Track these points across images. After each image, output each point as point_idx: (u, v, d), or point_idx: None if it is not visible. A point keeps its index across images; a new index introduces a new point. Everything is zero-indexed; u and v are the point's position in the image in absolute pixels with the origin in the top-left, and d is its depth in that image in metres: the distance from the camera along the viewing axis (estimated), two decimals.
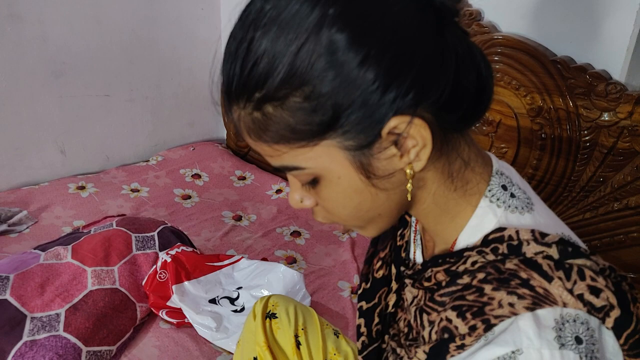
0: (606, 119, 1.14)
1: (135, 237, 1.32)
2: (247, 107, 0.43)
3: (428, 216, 0.52)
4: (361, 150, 0.43)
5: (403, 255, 0.62)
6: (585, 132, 1.18)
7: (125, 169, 1.99)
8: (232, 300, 1.26)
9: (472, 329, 0.44)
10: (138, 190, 1.86)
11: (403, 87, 0.40)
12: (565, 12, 1.21)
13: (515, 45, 1.25)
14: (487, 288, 0.44)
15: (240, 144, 2.24)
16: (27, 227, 1.56)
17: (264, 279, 1.28)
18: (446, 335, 0.47)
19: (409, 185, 0.46)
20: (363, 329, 0.65)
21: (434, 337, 0.49)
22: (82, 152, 1.95)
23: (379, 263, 0.64)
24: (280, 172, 0.48)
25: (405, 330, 0.59)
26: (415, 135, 0.42)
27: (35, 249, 1.28)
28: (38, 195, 1.72)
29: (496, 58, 1.29)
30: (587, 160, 1.19)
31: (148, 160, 2.09)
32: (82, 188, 1.81)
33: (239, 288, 1.29)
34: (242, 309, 1.23)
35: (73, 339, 1.03)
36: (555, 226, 0.49)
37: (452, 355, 0.46)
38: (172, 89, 2.16)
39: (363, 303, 0.65)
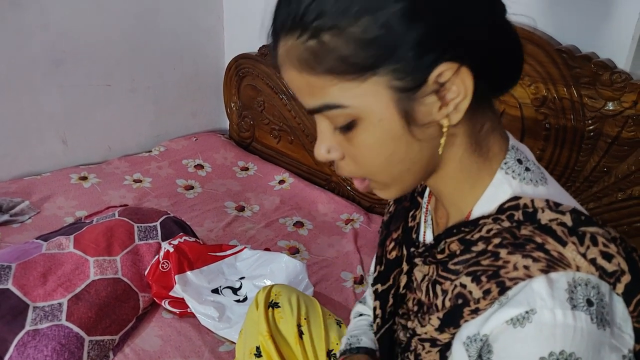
0: (611, 108, 1.12)
1: (138, 227, 1.32)
2: (302, 36, 0.43)
3: (449, 182, 0.52)
4: (407, 92, 0.44)
5: (414, 237, 0.62)
6: (590, 121, 1.17)
7: (127, 160, 1.99)
8: (235, 290, 1.26)
9: (487, 292, 0.45)
10: (140, 181, 1.86)
11: (455, 38, 0.43)
12: (570, 1, 1.20)
13: (520, 35, 1.23)
14: (503, 252, 0.46)
15: (243, 134, 2.24)
16: (29, 218, 1.57)
17: (266, 269, 1.28)
18: (460, 301, 0.48)
19: (442, 139, 0.47)
20: (378, 311, 0.65)
21: (447, 304, 0.50)
22: (84, 142, 1.95)
23: (392, 244, 0.65)
24: (317, 112, 0.47)
25: (415, 308, 0.60)
26: (458, 85, 0.44)
27: (37, 238, 1.29)
28: (40, 186, 1.72)
29: None
30: (591, 150, 1.18)
31: (150, 151, 2.09)
32: (85, 178, 1.81)
33: (241, 278, 1.29)
34: (245, 299, 1.23)
35: (76, 329, 1.03)
36: (568, 200, 0.51)
37: (466, 320, 0.47)
38: (175, 79, 2.15)
39: (378, 286, 0.65)
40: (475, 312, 0.46)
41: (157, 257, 1.26)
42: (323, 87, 0.45)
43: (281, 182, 1.95)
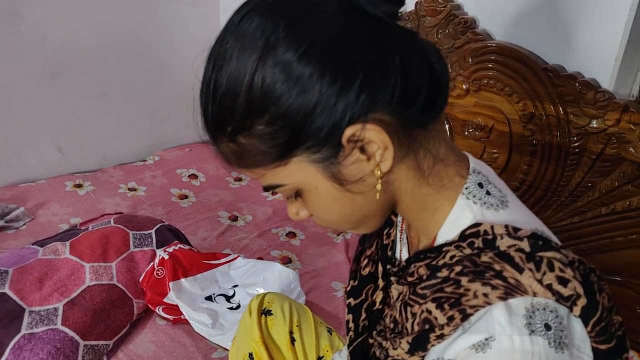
0: (595, 126, 1.17)
1: (133, 234, 1.34)
2: (224, 141, 0.48)
3: (411, 213, 0.55)
4: (328, 160, 0.47)
5: (389, 254, 0.64)
6: (575, 138, 1.21)
7: (122, 168, 2.01)
8: (228, 298, 1.28)
9: (450, 319, 0.47)
10: (135, 190, 1.88)
11: (352, 94, 0.43)
12: (556, 22, 1.25)
13: (508, 53, 1.29)
14: (464, 280, 0.47)
15: None
16: (24, 224, 1.58)
17: (260, 277, 1.30)
18: (427, 326, 0.49)
19: (378, 185, 0.49)
20: (351, 325, 0.67)
21: (416, 328, 0.51)
22: (80, 151, 1.96)
23: (366, 261, 0.67)
24: (269, 190, 0.52)
25: (391, 325, 0.62)
26: (374, 139, 0.46)
27: (33, 244, 1.30)
28: (35, 193, 1.74)
29: (490, 65, 1.33)
30: (576, 166, 1.23)
31: (145, 160, 2.11)
32: (79, 186, 1.82)
33: (235, 286, 1.31)
34: (238, 307, 1.25)
35: (71, 333, 1.05)
36: (529, 222, 0.51)
37: (433, 345, 0.49)
38: (169, 90, 2.17)
39: (351, 300, 0.67)
40: (441, 337, 0.48)
41: (152, 264, 1.27)
42: (258, 174, 0.50)
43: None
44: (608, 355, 0.46)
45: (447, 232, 0.52)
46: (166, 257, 1.28)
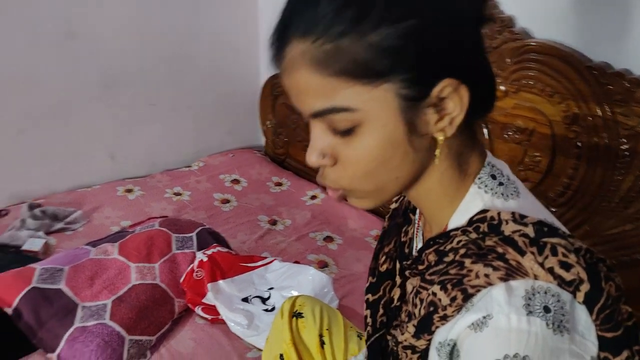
0: None
1: (176, 237, 1.41)
2: (319, 39, 0.45)
3: (430, 196, 0.55)
4: (412, 102, 0.47)
5: (407, 251, 0.65)
6: (624, 140, 1.15)
7: (169, 174, 2.11)
8: (264, 300, 1.32)
9: (453, 299, 0.48)
10: (180, 194, 1.97)
11: (458, 57, 0.47)
12: (601, 17, 1.19)
13: (548, 52, 1.25)
14: (467, 261, 0.48)
15: (277, 150, 2.32)
16: (80, 226, 1.69)
17: (294, 281, 1.33)
18: (432, 309, 0.50)
19: (438, 151, 0.50)
20: (369, 320, 0.68)
21: (422, 312, 0.52)
22: (130, 158, 2.08)
23: (384, 257, 0.68)
24: (320, 116, 0.48)
25: (406, 319, 0.62)
26: (455, 101, 0.47)
27: (86, 245, 1.39)
28: (90, 197, 1.86)
29: (529, 65, 1.28)
30: (627, 169, 1.16)
31: (190, 166, 2.20)
32: (130, 191, 1.93)
33: (270, 288, 1.35)
34: (273, 309, 1.28)
35: (118, 328, 1.12)
36: (538, 212, 0.52)
37: (437, 327, 0.50)
38: (213, 98, 2.26)
39: (369, 295, 0.68)
40: (444, 318, 0.49)
41: (191, 265, 1.33)
42: (334, 88, 0.46)
43: (313, 197, 2.01)
44: (615, 344, 0.46)
45: (458, 218, 0.53)
46: (205, 259, 1.33)
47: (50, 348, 1.08)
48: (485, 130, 1.42)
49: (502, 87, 1.35)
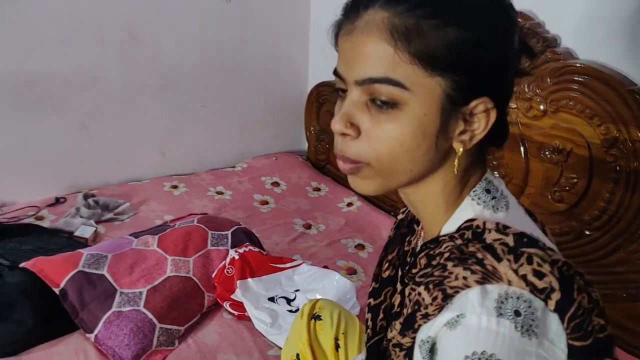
0: None
1: (212, 234, 1.49)
2: (403, 13, 0.48)
3: (429, 201, 0.58)
4: (452, 105, 0.50)
5: (409, 259, 0.68)
6: None
7: (213, 173, 2.21)
8: (289, 301, 1.36)
9: (434, 299, 0.51)
10: (222, 193, 2.06)
11: (501, 81, 0.53)
12: None
13: (590, 73, 1.22)
14: (449, 264, 0.51)
15: (319, 156, 2.37)
16: (128, 217, 1.81)
17: (319, 285, 1.37)
18: (416, 307, 0.54)
19: (456, 161, 0.54)
20: (369, 323, 0.71)
21: (409, 311, 0.56)
22: (179, 156, 2.20)
23: (387, 265, 0.71)
24: (371, 83, 0.49)
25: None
26: (482, 119, 0.52)
27: (130, 235, 1.50)
28: (139, 191, 1.98)
29: (570, 85, 1.26)
30: None
31: (234, 167, 2.29)
32: (175, 187, 2.04)
33: (296, 290, 1.39)
34: (297, 310, 1.33)
35: (150, 315, 1.20)
36: (523, 225, 0.54)
37: (419, 324, 0.53)
38: (261, 104, 2.35)
39: (371, 300, 0.72)
40: (426, 316, 0.52)
41: (224, 262, 1.40)
42: (397, 62, 0.48)
43: (349, 204, 2.04)
44: (583, 353, 0.47)
45: (449, 226, 0.57)
46: (236, 257, 1.40)
47: (89, 329, 1.17)
48: (522, 149, 1.40)
49: (541, 107, 1.33)
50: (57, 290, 1.20)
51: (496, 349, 0.45)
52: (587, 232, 1.28)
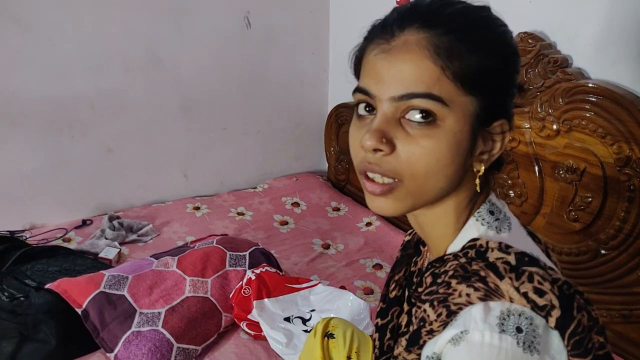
0: None
1: (230, 254, 1.52)
2: (442, 34, 0.51)
3: (440, 221, 0.60)
4: (479, 124, 0.54)
5: (415, 280, 0.70)
6: None
7: (235, 194, 2.26)
8: (305, 321, 1.37)
9: (438, 315, 0.52)
10: (243, 214, 2.10)
11: (511, 105, 0.57)
12: None
13: (601, 93, 1.22)
14: (453, 282, 0.53)
15: (339, 177, 2.39)
16: (151, 239, 1.87)
17: (334, 305, 1.38)
18: (421, 324, 0.55)
19: (477, 180, 0.57)
20: (377, 343, 0.73)
21: (414, 328, 0.57)
22: (201, 177, 2.26)
23: (394, 285, 0.73)
24: (413, 98, 0.51)
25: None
26: (499, 141, 0.56)
27: (151, 256, 1.55)
28: (163, 212, 2.04)
29: (581, 105, 1.26)
30: None
31: (255, 187, 2.34)
32: (197, 208, 2.09)
33: (312, 310, 1.41)
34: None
35: (167, 335, 1.23)
36: (525, 246, 0.56)
37: (424, 341, 0.54)
38: (282, 125, 2.40)
39: (379, 320, 0.73)
40: (431, 332, 0.53)
41: (241, 282, 1.43)
42: (438, 78, 0.51)
43: (368, 224, 2.05)
44: None
45: (454, 246, 0.59)
46: (253, 277, 1.42)
47: (109, 348, 1.21)
48: (536, 168, 1.40)
49: (554, 126, 1.33)
50: (79, 311, 1.25)
51: None
52: (603, 252, 1.26)
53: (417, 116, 0.52)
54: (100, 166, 2.00)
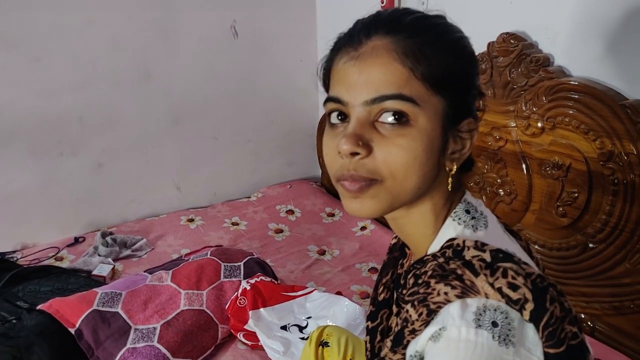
0: None
1: (224, 266, 1.52)
2: (407, 38, 0.53)
3: (419, 223, 0.61)
4: (449, 123, 0.56)
5: (402, 282, 0.70)
6: None
7: (229, 204, 2.26)
8: (301, 329, 1.38)
9: (419, 315, 0.54)
10: (237, 224, 2.10)
11: (478, 103, 0.60)
12: (637, 55, 1.18)
13: (583, 90, 1.24)
14: (432, 282, 0.55)
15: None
16: (145, 253, 1.86)
17: (329, 311, 1.38)
18: (404, 324, 0.56)
19: (450, 179, 0.58)
20: (368, 345, 0.74)
21: (398, 329, 0.58)
22: (194, 189, 2.26)
23: (382, 288, 0.74)
24: (385, 100, 0.52)
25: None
26: (467, 140, 0.58)
27: (145, 271, 1.55)
28: (156, 226, 2.04)
29: (564, 102, 1.28)
30: None
31: (249, 197, 2.34)
32: (192, 220, 2.10)
33: (308, 317, 1.41)
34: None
35: (164, 350, 1.23)
36: (501, 242, 0.58)
37: (408, 340, 0.56)
38: (273, 133, 2.41)
39: (369, 323, 0.74)
40: (413, 332, 0.54)
41: (236, 293, 1.43)
42: (408, 79, 0.52)
43: (363, 228, 2.06)
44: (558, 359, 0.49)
45: (434, 247, 0.60)
46: (248, 287, 1.43)
47: None
48: (523, 166, 1.41)
49: (538, 124, 1.34)
50: (72, 330, 1.25)
51: (475, 358, 0.48)
52: (592, 245, 1.27)
53: (390, 118, 0.53)
54: (91, 182, 2.00)
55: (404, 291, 0.61)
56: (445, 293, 0.52)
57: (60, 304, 1.29)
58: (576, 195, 1.29)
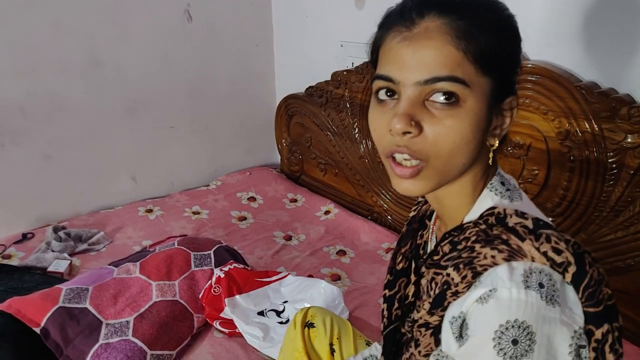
0: (630, 141, 1.16)
1: (194, 255, 1.49)
2: (460, 19, 0.54)
3: (458, 193, 0.64)
4: (494, 102, 0.58)
5: (421, 252, 0.74)
6: (611, 154, 1.20)
7: (187, 194, 2.20)
8: (279, 313, 1.38)
9: (464, 277, 0.57)
10: (199, 213, 2.05)
11: (516, 82, 0.62)
12: (593, 39, 1.26)
13: (541, 73, 1.31)
14: (477, 246, 0.57)
15: (293, 168, 2.39)
16: (103, 246, 1.78)
17: (307, 294, 1.39)
18: (445, 287, 0.59)
19: (490, 154, 0.61)
20: (385, 312, 0.76)
21: (437, 292, 0.61)
22: (151, 179, 2.18)
23: (400, 257, 0.77)
24: (438, 82, 0.54)
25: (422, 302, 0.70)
26: (509, 117, 0.60)
27: (109, 264, 1.48)
28: (113, 218, 1.95)
29: (525, 85, 1.35)
30: (615, 181, 1.21)
31: (208, 185, 2.29)
32: (150, 211, 2.02)
33: (285, 302, 1.41)
34: (287, 321, 1.34)
35: (140, 343, 1.19)
36: (536, 213, 0.61)
37: (449, 302, 0.58)
38: (230, 119, 2.37)
39: (386, 291, 0.77)
40: (456, 294, 0.57)
41: (210, 282, 1.40)
42: (460, 62, 0.54)
43: (327, 212, 2.07)
44: (597, 318, 0.54)
45: (471, 215, 0.63)
46: (222, 275, 1.40)
47: None
48: None
49: None
50: (37, 330, 1.17)
51: (526, 316, 0.51)
52: (551, 219, 1.35)
53: (441, 98, 0.55)
54: (38, 175, 1.89)
55: (435, 257, 0.64)
56: (492, 256, 0.55)
57: (21, 303, 1.21)
58: (536, 172, 1.37)
